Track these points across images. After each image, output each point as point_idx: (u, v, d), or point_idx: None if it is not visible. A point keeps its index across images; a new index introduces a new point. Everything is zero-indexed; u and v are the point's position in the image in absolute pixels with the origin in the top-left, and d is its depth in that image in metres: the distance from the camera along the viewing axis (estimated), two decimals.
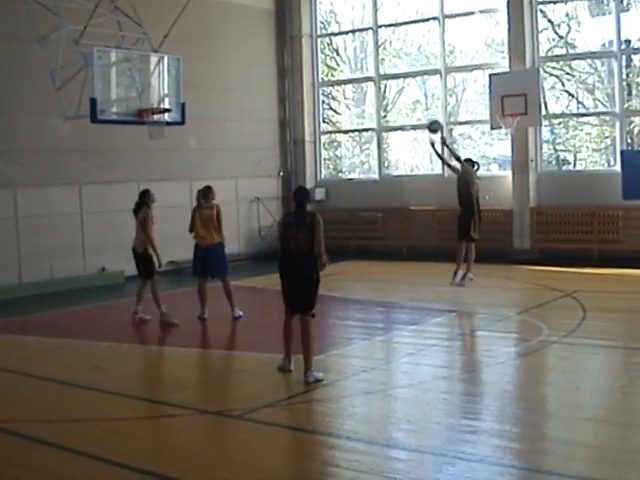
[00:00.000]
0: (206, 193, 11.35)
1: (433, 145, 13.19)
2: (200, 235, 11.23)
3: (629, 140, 16.71)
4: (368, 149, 20.36)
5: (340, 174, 20.86)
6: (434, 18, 18.49)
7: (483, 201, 13.44)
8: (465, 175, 11.93)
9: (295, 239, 7.88)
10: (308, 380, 7.76)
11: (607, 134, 17.13)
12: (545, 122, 17.18)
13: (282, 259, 8.06)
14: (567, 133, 17.84)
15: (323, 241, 7.88)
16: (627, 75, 16.72)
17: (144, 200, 11.28)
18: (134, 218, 11.32)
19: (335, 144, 21.15)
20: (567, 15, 17.37)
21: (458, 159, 12.85)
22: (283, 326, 8.26)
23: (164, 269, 11.60)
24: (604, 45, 16.79)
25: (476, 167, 12.27)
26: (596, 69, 17.46)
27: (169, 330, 10.90)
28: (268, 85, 19.79)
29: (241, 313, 11.28)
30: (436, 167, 18.97)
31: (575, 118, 17.56)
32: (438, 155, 12.91)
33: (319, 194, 19.94)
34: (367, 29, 19.80)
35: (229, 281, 11.42)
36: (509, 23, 16.86)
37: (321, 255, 7.88)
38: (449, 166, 12.17)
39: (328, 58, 20.94)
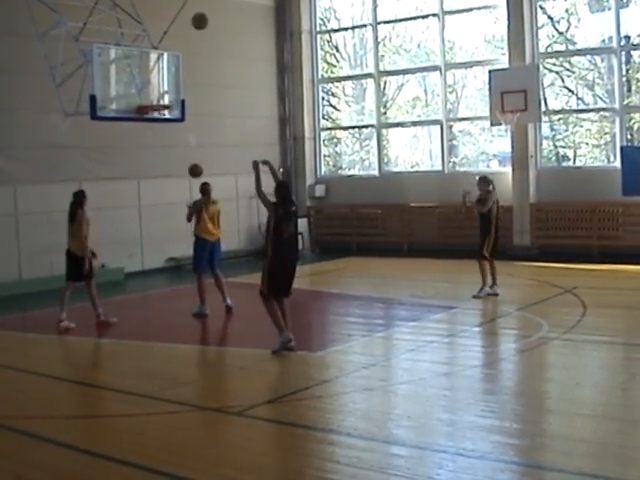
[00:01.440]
0: (209, 189, 11.43)
1: None
2: (209, 230, 11.37)
3: (629, 136, 16.70)
4: (368, 145, 20.35)
5: (340, 171, 20.84)
6: (434, 14, 18.48)
7: None
8: (488, 196, 11.86)
9: (287, 230, 8.77)
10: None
11: (607, 130, 17.11)
12: (545, 118, 17.18)
13: (280, 246, 8.72)
14: (567, 129, 17.82)
15: None
16: (627, 71, 16.71)
17: (79, 201, 10.94)
18: (68, 220, 11.03)
19: (335, 141, 21.12)
20: (567, 11, 17.35)
21: None
22: (274, 309, 8.79)
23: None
24: (604, 41, 16.78)
25: (492, 185, 12.15)
26: (596, 65, 17.44)
27: (167, 327, 10.90)
28: (268, 82, 19.77)
29: (230, 302, 11.42)
30: (436, 164, 18.98)
31: (575, 114, 17.54)
32: None
33: (319, 191, 19.94)
34: (367, 25, 19.79)
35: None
36: (509, 19, 16.85)
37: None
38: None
39: (328, 55, 20.92)
